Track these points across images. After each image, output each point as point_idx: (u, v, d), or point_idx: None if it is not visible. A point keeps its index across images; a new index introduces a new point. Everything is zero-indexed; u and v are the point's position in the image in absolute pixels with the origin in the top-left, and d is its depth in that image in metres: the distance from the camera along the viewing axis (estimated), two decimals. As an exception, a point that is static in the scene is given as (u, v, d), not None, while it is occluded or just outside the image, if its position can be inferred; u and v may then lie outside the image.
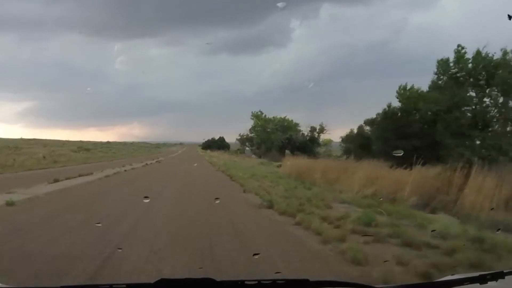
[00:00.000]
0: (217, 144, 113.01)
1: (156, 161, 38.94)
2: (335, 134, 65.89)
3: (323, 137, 75.42)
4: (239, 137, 69.35)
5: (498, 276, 1.67)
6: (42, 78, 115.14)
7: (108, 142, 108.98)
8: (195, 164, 36.78)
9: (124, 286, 1.41)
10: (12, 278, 4.43)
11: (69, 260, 5.29)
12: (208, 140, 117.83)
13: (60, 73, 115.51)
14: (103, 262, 5.27)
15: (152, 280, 1.43)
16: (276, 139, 62.01)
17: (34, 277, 4.55)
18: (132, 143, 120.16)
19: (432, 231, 7.00)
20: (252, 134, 68.42)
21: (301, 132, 71.52)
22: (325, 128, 74.78)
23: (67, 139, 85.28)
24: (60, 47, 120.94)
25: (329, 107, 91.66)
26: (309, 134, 75.83)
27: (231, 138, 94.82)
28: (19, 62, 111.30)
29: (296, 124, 68.93)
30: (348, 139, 57.53)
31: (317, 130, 75.20)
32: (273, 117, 64.90)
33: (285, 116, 66.59)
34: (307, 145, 72.19)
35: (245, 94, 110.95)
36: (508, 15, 2.75)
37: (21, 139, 76.70)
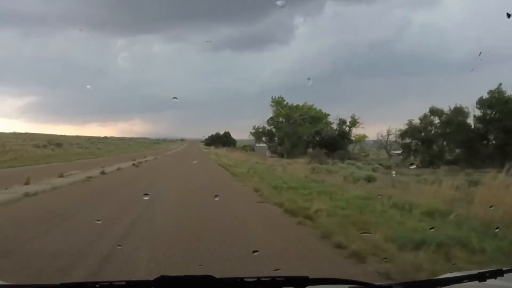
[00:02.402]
0: (222, 140, 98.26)
1: (134, 165, 22.64)
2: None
3: (355, 131, 59.54)
4: (253, 130, 52.90)
5: (497, 274, 1.63)
6: (44, 74, 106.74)
7: (105, 137, 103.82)
8: (197, 165, 21.07)
9: (124, 283, 1.34)
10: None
11: None
12: (212, 136, 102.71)
13: (62, 68, 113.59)
14: None
15: (152, 277, 1.32)
16: (305, 132, 45.90)
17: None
18: (130, 139, 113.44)
19: None
20: (271, 127, 52.29)
21: (331, 125, 55.51)
22: (358, 120, 58.81)
23: (63, 134, 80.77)
24: (63, 43, 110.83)
25: (332, 106, 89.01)
26: (337, 128, 59.87)
27: (233, 135, 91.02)
28: (22, 57, 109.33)
29: (327, 115, 52.70)
30: (413, 133, 41.47)
31: (348, 124, 59.17)
32: (297, 105, 48.45)
33: (313, 105, 50.27)
34: (337, 141, 56.10)
35: (247, 91, 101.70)
36: (507, 14, 3.06)
37: (13, 133, 70.09)
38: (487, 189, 9.55)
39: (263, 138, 53.33)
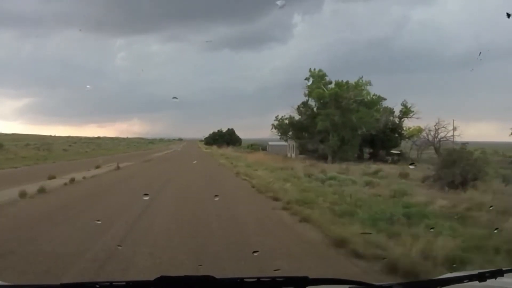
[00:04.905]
0: (225, 138, 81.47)
1: None
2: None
3: (407, 123, 42.67)
4: (276, 122, 35.95)
5: (497, 274, 1.59)
6: (42, 75, 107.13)
7: (98, 138, 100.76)
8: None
9: (124, 283, 1.31)
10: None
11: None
12: (214, 133, 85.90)
13: (60, 69, 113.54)
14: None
15: (151, 277, 1.28)
16: (362, 123, 28.74)
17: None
18: (124, 139, 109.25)
19: None
20: (299, 118, 35.29)
21: (385, 113, 38.66)
22: (411, 109, 41.86)
23: (53, 135, 79.12)
24: (61, 44, 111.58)
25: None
26: (384, 119, 42.87)
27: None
28: (20, 58, 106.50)
29: (382, 99, 35.86)
30: None
31: (399, 115, 42.13)
32: (347, 81, 31.36)
33: (369, 82, 33.28)
34: (388, 137, 39.32)
35: (246, 90, 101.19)
36: (507, 13, 2.84)
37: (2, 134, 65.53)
38: None
39: (290, 132, 36.43)
